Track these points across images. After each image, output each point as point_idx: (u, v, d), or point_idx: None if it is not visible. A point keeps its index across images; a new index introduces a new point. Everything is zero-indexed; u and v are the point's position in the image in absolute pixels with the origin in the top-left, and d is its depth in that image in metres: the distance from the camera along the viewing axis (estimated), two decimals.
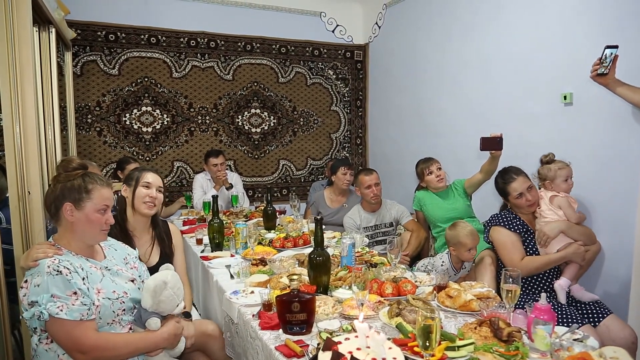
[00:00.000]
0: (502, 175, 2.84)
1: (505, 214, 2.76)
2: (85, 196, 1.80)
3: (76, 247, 1.84)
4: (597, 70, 2.57)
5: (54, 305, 1.65)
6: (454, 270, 2.88)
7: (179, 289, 1.95)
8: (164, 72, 5.22)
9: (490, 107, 4.14)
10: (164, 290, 1.87)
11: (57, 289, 1.67)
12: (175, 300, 1.93)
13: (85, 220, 1.80)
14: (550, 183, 2.82)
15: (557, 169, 2.82)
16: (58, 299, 1.66)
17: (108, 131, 5.04)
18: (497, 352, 1.51)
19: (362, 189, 3.65)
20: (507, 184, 2.75)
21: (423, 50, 4.97)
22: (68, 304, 1.67)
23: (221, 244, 3.12)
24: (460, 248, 2.76)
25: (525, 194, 2.70)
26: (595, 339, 1.76)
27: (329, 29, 5.98)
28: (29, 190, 2.30)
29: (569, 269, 2.69)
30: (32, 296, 1.66)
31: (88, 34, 4.87)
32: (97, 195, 1.82)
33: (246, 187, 5.44)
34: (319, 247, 2.17)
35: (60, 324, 1.66)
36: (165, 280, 1.89)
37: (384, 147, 5.89)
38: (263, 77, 5.68)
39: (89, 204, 1.80)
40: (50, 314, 1.64)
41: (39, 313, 1.64)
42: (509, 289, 1.82)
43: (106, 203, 1.85)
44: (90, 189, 1.81)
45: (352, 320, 1.84)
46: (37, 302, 1.64)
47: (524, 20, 3.76)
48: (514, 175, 2.75)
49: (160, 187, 2.52)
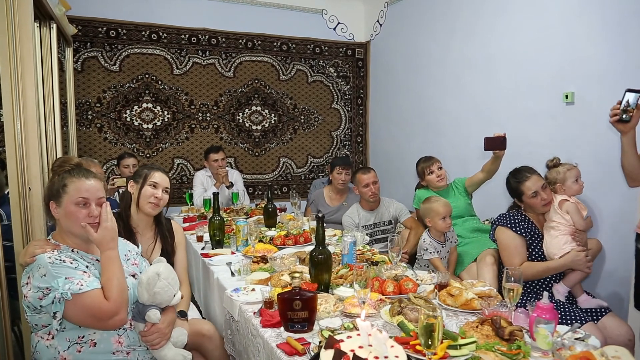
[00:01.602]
0: (514, 174, 2.77)
1: (514, 215, 2.70)
2: (62, 191, 1.80)
3: (73, 242, 1.84)
4: (618, 115, 2.27)
5: (72, 284, 1.65)
6: (438, 242, 3.03)
7: (172, 279, 1.93)
8: (164, 69, 5.21)
9: (492, 105, 4.14)
10: (158, 281, 1.87)
11: (68, 272, 1.68)
12: (171, 290, 1.92)
13: (65, 215, 1.79)
14: (561, 186, 2.76)
15: (566, 171, 2.77)
16: (73, 278, 1.67)
17: (108, 127, 5.03)
18: (498, 350, 1.51)
19: (360, 187, 3.65)
20: (520, 182, 2.69)
21: (424, 48, 4.96)
22: (84, 279, 1.69)
23: (222, 242, 3.12)
24: (434, 217, 2.96)
25: (540, 193, 2.64)
26: (597, 338, 1.76)
27: (330, 27, 5.97)
28: (30, 187, 2.30)
29: (570, 276, 2.66)
30: (43, 284, 1.65)
31: (89, 30, 4.86)
32: (73, 188, 1.79)
33: (246, 184, 5.43)
34: (321, 245, 2.16)
35: (86, 297, 1.67)
36: (158, 271, 1.88)
37: (385, 145, 5.89)
38: (264, 75, 5.67)
39: (66, 197, 1.79)
40: (72, 292, 1.64)
41: (59, 295, 1.63)
42: (511, 287, 1.81)
43: (83, 195, 1.79)
44: (66, 183, 1.80)
45: (353, 318, 1.84)
46: (52, 287, 1.64)
47: (526, 19, 3.75)
48: (527, 174, 2.69)
49: (167, 187, 2.51)
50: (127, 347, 1.85)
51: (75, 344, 1.76)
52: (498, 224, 2.72)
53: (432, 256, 3.00)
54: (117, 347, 1.83)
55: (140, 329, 1.88)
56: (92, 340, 1.78)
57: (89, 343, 1.77)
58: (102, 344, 1.79)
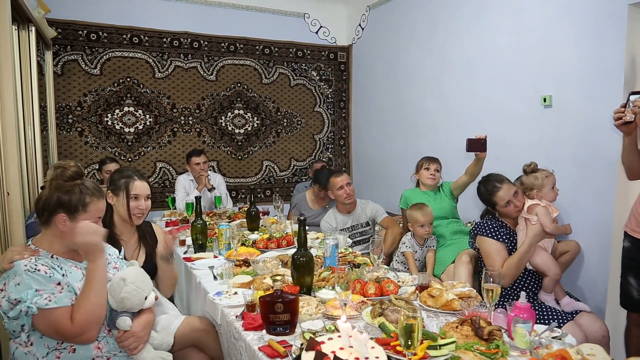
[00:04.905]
0: (484, 184, 2.73)
1: (491, 223, 2.67)
2: (82, 209, 1.79)
3: (58, 250, 1.82)
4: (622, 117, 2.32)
5: (40, 298, 1.63)
6: (418, 245, 3.29)
7: (142, 281, 1.89)
8: (146, 72, 5.18)
9: (472, 108, 4.19)
10: (124, 287, 1.83)
11: (39, 284, 1.66)
12: (141, 293, 1.88)
13: None
14: (538, 192, 2.70)
15: (544, 177, 2.72)
16: (43, 291, 1.65)
17: (89, 131, 4.98)
18: (477, 350, 1.53)
19: (334, 191, 3.66)
20: (492, 194, 2.65)
21: (406, 51, 5.01)
22: (55, 294, 1.67)
23: (204, 245, 3.11)
24: (414, 224, 3.22)
25: (512, 201, 2.61)
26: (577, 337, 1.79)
27: (312, 30, 5.99)
28: (8, 191, 2.27)
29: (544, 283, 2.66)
30: (14, 295, 1.63)
31: (69, 33, 4.81)
32: (93, 209, 1.82)
33: (229, 188, 5.41)
34: (302, 247, 2.17)
35: (50, 314, 1.65)
36: (123, 277, 1.85)
37: (368, 148, 5.92)
38: (246, 78, 5.67)
39: (84, 216, 1.79)
40: (39, 307, 1.62)
41: (25, 309, 1.61)
42: (490, 288, 1.84)
43: (100, 215, 1.85)
44: (88, 202, 1.80)
45: (335, 320, 1.85)
46: (22, 299, 1.62)
47: (505, 23, 3.81)
48: (498, 184, 2.64)
49: (148, 194, 2.49)
50: (107, 352, 1.84)
51: (54, 350, 1.74)
52: (477, 234, 2.69)
53: (407, 250, 3.25)
54: (97, 352, 1.81)
55: (116, 335, 1.86)
56: (71, 346, 1.76)
57: (68, 349, 1.76)
58: (82, 350, 1.78)
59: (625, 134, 2.41)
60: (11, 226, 2.26)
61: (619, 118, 2.33)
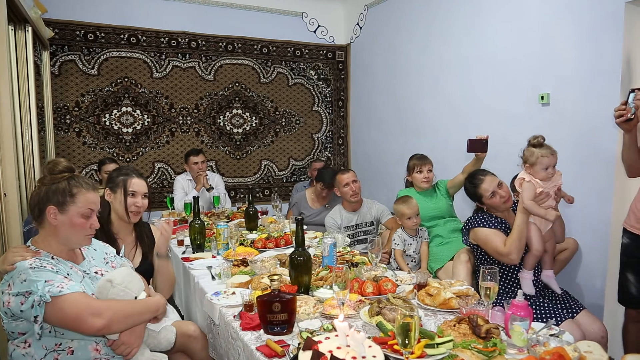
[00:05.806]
0: (470, 180, 2.80)
1: (482, 216, 2.72)
2: (70, 200, 1.77)
3: (57, 249, 1.81)
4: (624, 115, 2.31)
5: (52, 286, 1.61)
6: (411, 237, 3.31)
7: (130, 282, 1.85)
8: (144, 72, 5.18)
9: (470, 107, 4.19)
10: (111, 289, 1.79)
11: (48, 276, 1.65)
12: (129, 294, 1.83)
13: (69, 225, 1.77)
14: (529, 167, 2.62)
15: (539, 155, 2.61)
16: (53, 280, 1.64)
17: (87, 132, 4.98)
18: (475, 348, 1.53)
19: (340, 188, 3.66)
20: (476, 186, 2.72)
21: (404, 50, 5.01)
22: (65, 282, 1.65)
23: (202, 245, 3.11)
24: (402, 217, 3.26)
25: (497, 192, 2.67)
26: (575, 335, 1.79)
27: (310, 30, 5.99)
28: (5, 193, 2.27)
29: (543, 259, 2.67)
30: (23, 289, 1.61)
31: (66, 33, 4.80)
32: (82, 199, 1.79)
33: (228, 187, 5.41)
34: (300, 247, 2.17)
35: (64, 300, 1.62)
36: (110, 279, 1.81)
37: (366, 147, 5.92)
38: (245, 78, 5.67)
39: (73, 207, 1.77)
40: (52, 294, 1.60)
41: (38, 299, 1.59)
42: (487, 286, 1.84)
43: (91, 207, 1.82)
44: (75, 192, 1.78)
45: (333, 319, 1.85)
46: (32, 291, 1.60)
47: (502, 22, 3.81)
48: (481, 177, 2.72)
49: (146, 193, 2.50)
50: (106, 354, 1.83)
51: (52, 352, 1.73)
52: (470, 228, 2.72)
53: (397, 247, 3.27)
54: (95, 354, 1.80)
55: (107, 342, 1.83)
56: (69, 347, 1.75)
57: (67, 351, 1.75)
58: (80, 352, 1.77)
59: (626, 131, 2.41)
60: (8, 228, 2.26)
61: (620, 115, 2.32)
